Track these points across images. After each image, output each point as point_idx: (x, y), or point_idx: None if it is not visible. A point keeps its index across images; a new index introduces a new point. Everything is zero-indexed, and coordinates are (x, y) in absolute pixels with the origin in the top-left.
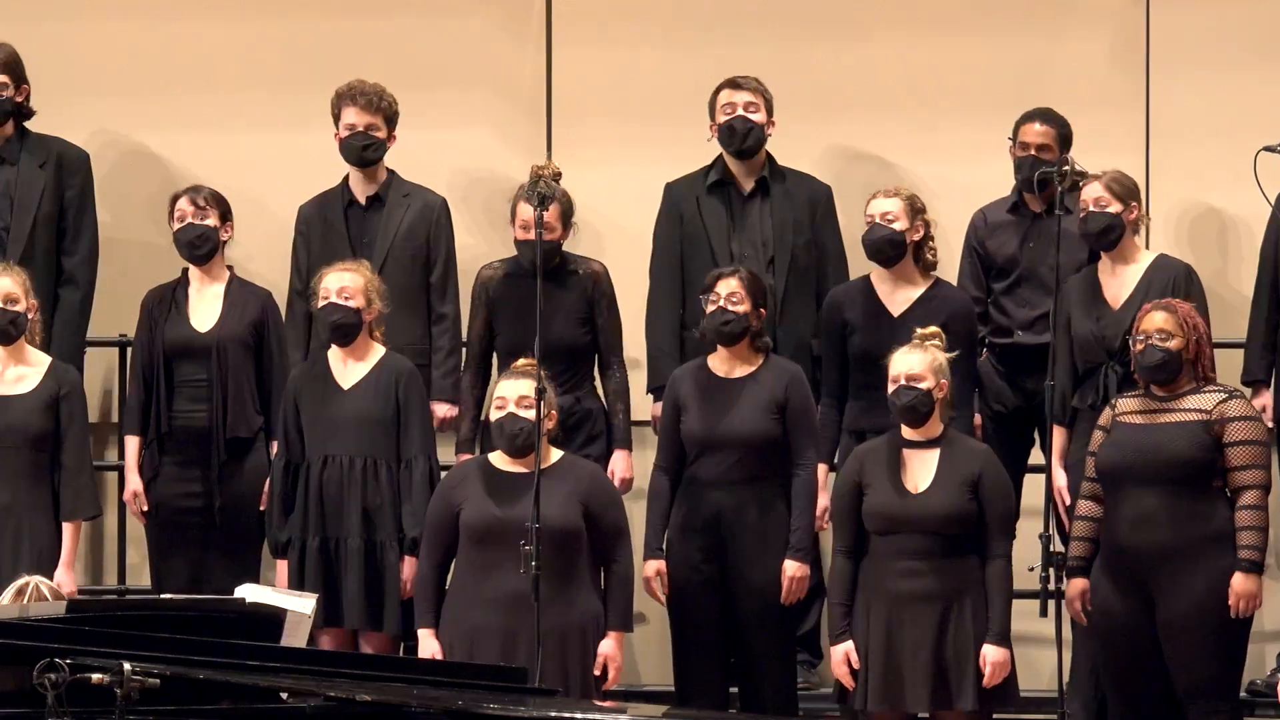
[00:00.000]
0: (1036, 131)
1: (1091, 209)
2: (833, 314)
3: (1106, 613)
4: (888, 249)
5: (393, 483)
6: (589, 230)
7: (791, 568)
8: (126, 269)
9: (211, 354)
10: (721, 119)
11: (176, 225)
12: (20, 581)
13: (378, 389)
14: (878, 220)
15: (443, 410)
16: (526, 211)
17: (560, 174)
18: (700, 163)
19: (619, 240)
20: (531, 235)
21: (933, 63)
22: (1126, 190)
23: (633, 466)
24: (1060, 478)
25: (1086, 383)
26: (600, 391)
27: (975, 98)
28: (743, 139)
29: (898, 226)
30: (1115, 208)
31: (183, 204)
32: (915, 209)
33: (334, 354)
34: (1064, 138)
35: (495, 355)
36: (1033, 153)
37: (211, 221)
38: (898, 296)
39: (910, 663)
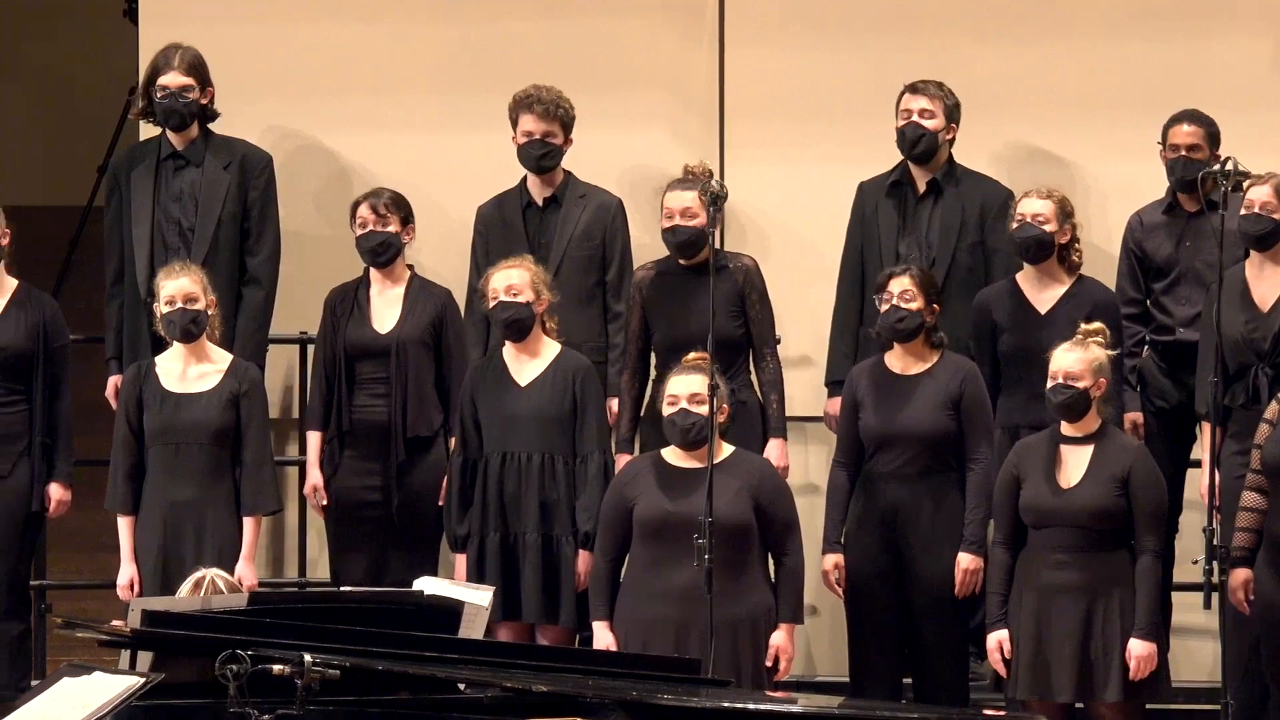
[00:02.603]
0: (1185, 133)
1: (1257, 211)
2: (981, 314)
3: (1269, 604)
4: (1036, 248)
5: (569, 477)
6: (757, 228)
7: (965, 560)
8: (306, 267)
9: (391, 354)
10: (898, 123)
11: (359, 231)
12: (198, 574)
13: (554, 386)
14: (1028, 220)
15: (618, 405)
16: (673, 201)
17: (712, 172)
18: (872, 162)
19: (787, 239)
20: (674, 222)
21: (1098, 64)
22: None
23: (788, 455)
24: (1212, 475)
25: (1237, 383)
26: (755, 384)
27: (1140, 98)
28: (913, 144)
29: (1048, 228)
30: None
31: (363, 211)
32: (1065, 212)
33: (509, 351)
34: (1213, 137)
35: (653, 353)
36: (1183, 153)
37: (393, 228)
38: (1043, 295)
39: (1057, 653)
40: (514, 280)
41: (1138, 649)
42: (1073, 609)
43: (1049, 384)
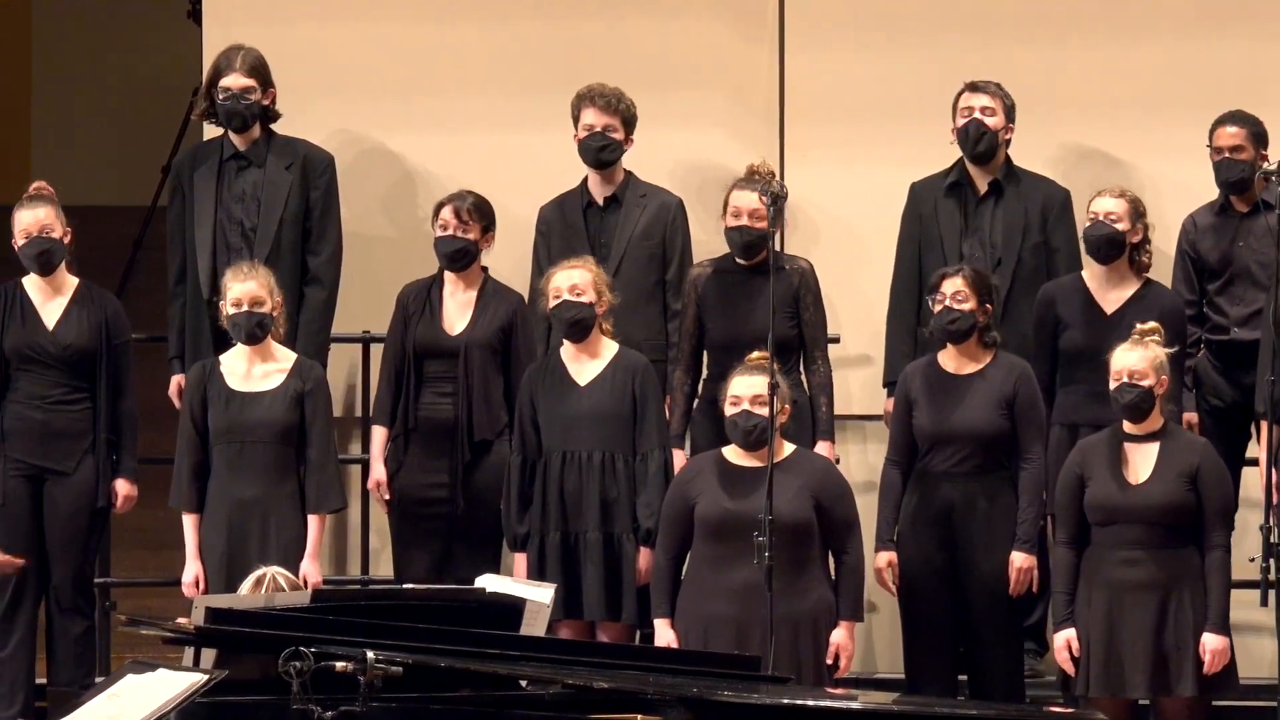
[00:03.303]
0: (1229, 134)
1: None
2: (1045, 309)
3: None
4: (1107, 246)
5: (630, 476)
6: (816, 228)
7: (1019, 559)
8: (369, 267)
9: (460, 356)
10: (959, 121)
11: (439, 233)
12: (259, 572)
13: (614, 384)
14: (1100, 218)
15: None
16: (742, 200)
17: (774, 173)
18: (931, 163)
19: (847, 240)
20: (738, 222)
21: (1153, 65)
22: None
23: (835, 456)
24: (1271, 473)
25: None
26: (805, 384)
27: (1196, 99)
28: (975, 142)
29: (1120, 227)
30: None
31: (446, 214)
32: (1138, 212)
33: (567, 351)
34: (1258, 137)
35: (705, 352)
36: (1226, 155)
37: (473, 235)
38: (1111, 295)
39: (1131, 649)
40: (576, 280)
41: (1212, 643)
42: (1146, 605)
43: (1113, 384)
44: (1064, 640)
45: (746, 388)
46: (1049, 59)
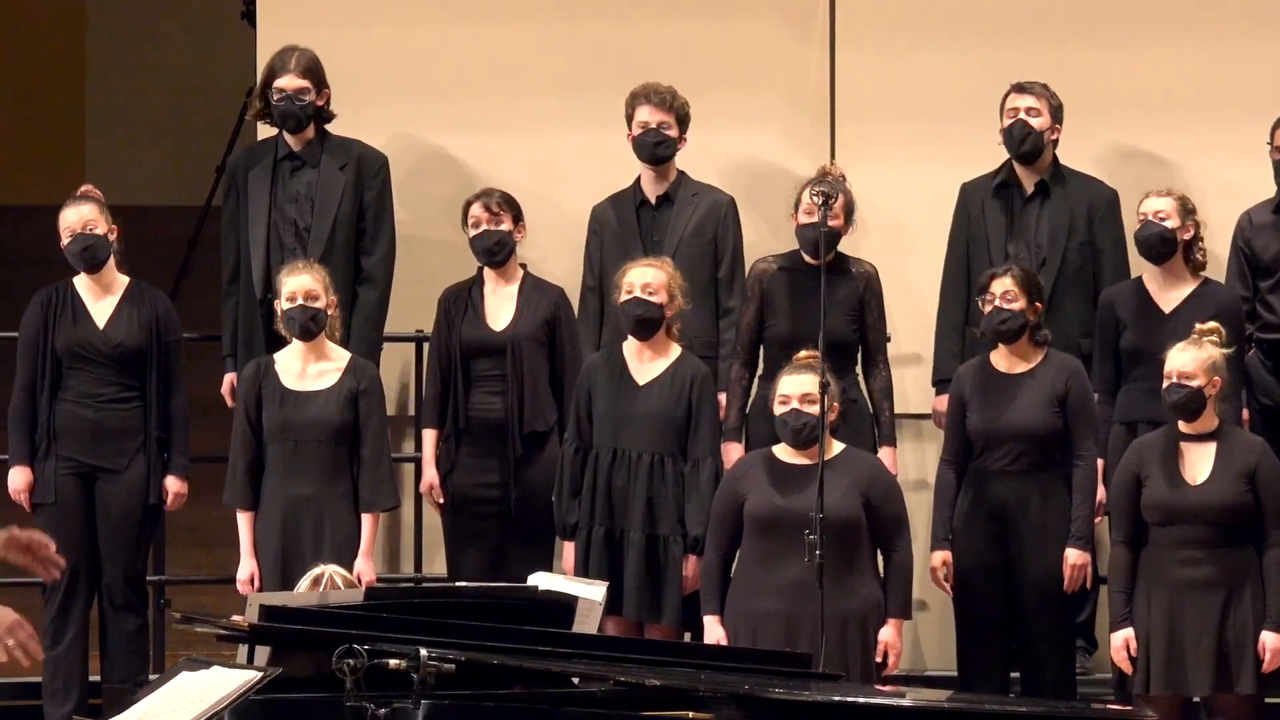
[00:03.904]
0: None
1: None
2: (1107, 312)
3: None
4: (1159, 245)
5: (678, 479)
6: (868, 228)
7: (1073, 555)
8: (423, 267)
9: (506, 351)
10: (1005, 122)
11: (472, 231)
12: (316, 570)
13: (672, 388)
14: (1150, 218)
15: (726, 400)
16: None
17: (845, 175)
18: (981, 163)
19: (898, 239)
20: (813, 220)
21: (1203, 65)
22: None
23: (897, 464)
24: None
25: None
26: (863, 386)
27: (1246, 99)
28: (1020, 142)
29: (1170, 225)
30: None
31: (476, 210)
32: (1186, 209)
33: (631, 348)
34: None
35: (763, 347)
36: None
37: (505, 226)
38: (1168, 295)
39: (1193, 648)
40: (650, 279)
41: (1272, 641)
42: (1208, 604)
43: (1164, 383)
44: (1122, 639)
45: (795, 386)
46: (1099, 59)
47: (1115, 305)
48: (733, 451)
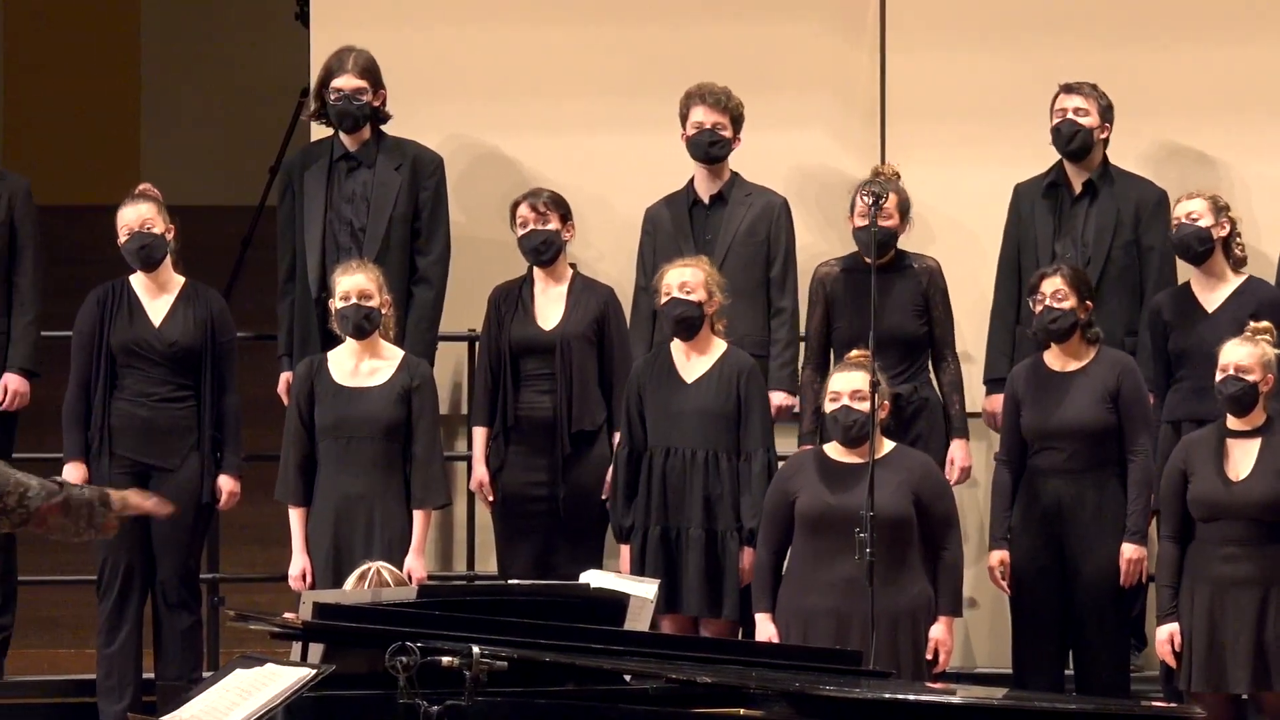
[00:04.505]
0: None
1: None
2: (1154, 316)
3: None
4: (1196, 245)
5: (733, 474)
6: (921, 228)
7: (1128, 550)
8: (477, 267)
9: (556, 350)
10: (1053, 121)
11: (520, 231)
12: (364, 567)
13: (720, 383)
14: (1184, 220)
15: (779, 399)
16: (869, 200)
17: (899, 174)
18: (1030, 164)
19: (950, 239)
20: (865, 222)
21: (1252, 65)
22: None
23: (970, 455)
24: None
25: None
26: (934, 382)
27: None
28: (1068, 141)
29: (1203, 224)
30: None
31: (523, 211)
32: (1219, 207)
33: (676, 348)
34: None
35: (832, 348)
36: None
37: (553, 225)
38: (1211, 294)
39: (1232, 645)
40: (687, 278)
41: None
42: (1247, 601)
43: (1218, 377)
44: (1167, 634)
45: (846, 383)
46: (1147, 59)
47: (1162, 310)
48: (812, 448)
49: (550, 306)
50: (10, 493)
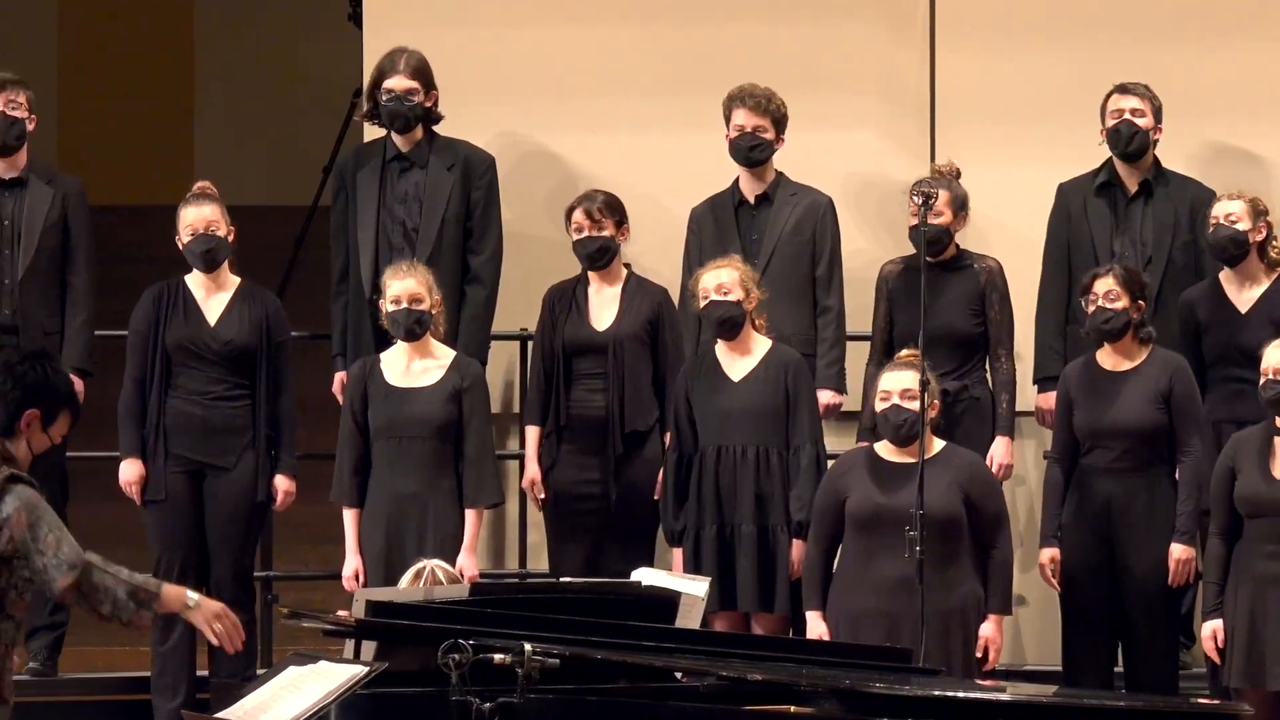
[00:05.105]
0: None
1: None
2: (1186, 314)
3: None
4: (1231, 248)
5: (783, 469)
6: (971, 228)
7: (1177, 550)
8: (529, 266)
9: (609, 350)
10: (1109, 123)
11: (575, 236)
12: (418, 565)
13: (767, 380)
14: (1221, 221)
15: (826, 397)
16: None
17: (959, 171)
18: (1080, 164)
19: (1000, 239)
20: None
21: None
22: None
23: (1013, 453)
24: None
25: None
26: (989, 381)
27: None
28: (1127, 142)
29: (1240, 227)
30: None
31: (578, 216)
32: (1257, 210)
33: (720, 348)
34: None
35: (893, 345)
36: None
37: (608, 232)
38: (1244, 294)
39: (1273, 641)
40: (723, 280)
41: None
42: None
43: (1261, 380)
44: (1211, 630)
45: (896, 382)
46: (1195, 60)
47: (1195, 307)
48: (862, 447)
49: (604, 307)
50: (43, 553)
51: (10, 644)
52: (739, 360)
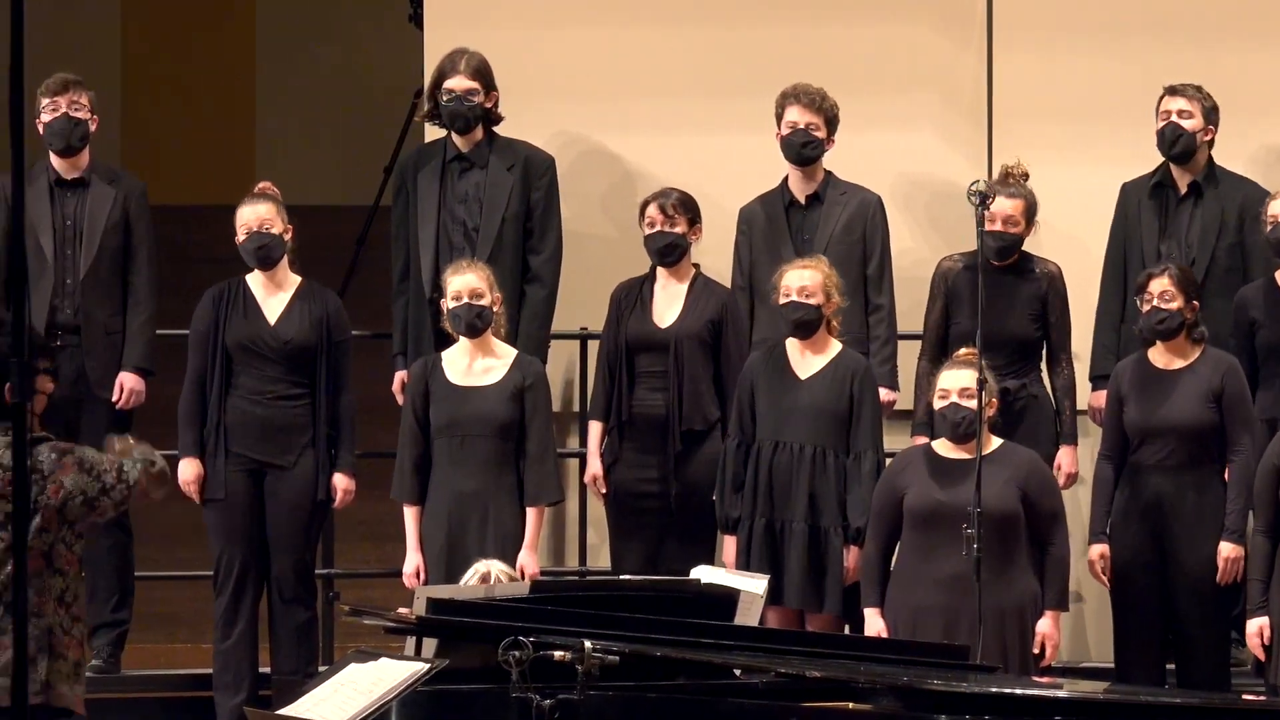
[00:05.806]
0: None
1: None
2: (1240, 312)
3: None
4: None
5: (839, 472)
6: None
7: (1226, 549)
8: (587, 265)
9: (670, 348)
10: (1158, 124)
11: (647, 230)
12: (482, 569)
13: (833, 382)
14: (1278, 219)
15: (880, 395)
16: (997, 206)
17: (1028, 174)
18: (1137, 165)
19: (1057, 240)
20: (994, 227)
21: None
22: None
23: (1078, 461)
24: None
25: None
26: (1046, 382)
27: None
28: (1172, 144)
29: None
30: None
31: (652, 211)
32: None
33: (792, 345)
34: None
35: (948, 343)
36: None
37: (680, 229)
38: None
39: None
40: (806, 282)
41: None
42: None
43: None
44: (1256, 627)
45: (954, 381)
46: (1254, 60)
47: (1249, 306)
48: (921, 444)
49: (669, 305)
50: (107, 470)
51: (59, 599)
52: (809, 359)
